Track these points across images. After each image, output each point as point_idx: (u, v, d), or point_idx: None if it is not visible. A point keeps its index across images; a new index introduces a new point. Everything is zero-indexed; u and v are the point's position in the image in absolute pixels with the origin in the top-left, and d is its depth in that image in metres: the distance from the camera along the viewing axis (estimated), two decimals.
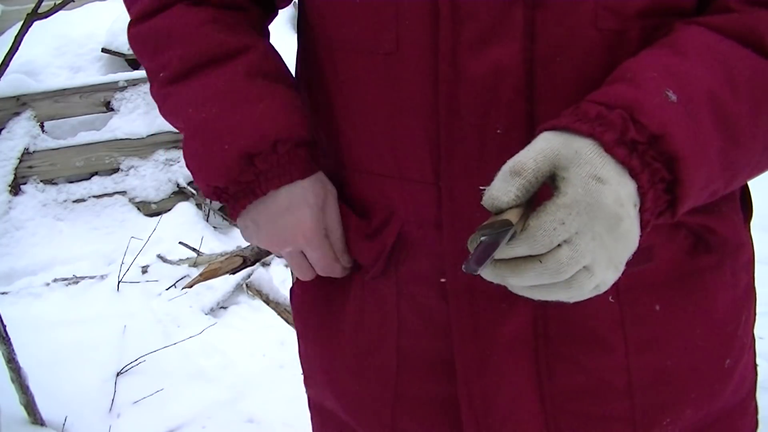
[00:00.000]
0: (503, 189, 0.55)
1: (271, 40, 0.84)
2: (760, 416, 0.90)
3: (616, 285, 0.61)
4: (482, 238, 0.54)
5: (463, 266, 0.54)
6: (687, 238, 0.74)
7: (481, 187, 0.57)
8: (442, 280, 0.74)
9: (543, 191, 0.58)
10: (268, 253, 1.49)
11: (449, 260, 0.72)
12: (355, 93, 0.74)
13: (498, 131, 0.67)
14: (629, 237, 0.57)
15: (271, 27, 0.87)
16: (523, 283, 0.57)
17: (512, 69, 0.65)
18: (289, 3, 0.87)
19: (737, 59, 0.62)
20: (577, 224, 0.55)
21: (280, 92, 0.77)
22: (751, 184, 0.78)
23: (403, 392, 0.80)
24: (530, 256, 0.55)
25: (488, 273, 0.57)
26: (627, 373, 0.74)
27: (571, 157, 0.56)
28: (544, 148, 0.57)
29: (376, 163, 0.75)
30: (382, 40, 0.69)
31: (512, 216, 0.54)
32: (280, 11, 0.87)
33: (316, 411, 0.95)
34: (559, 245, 0.55)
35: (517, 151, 0.59)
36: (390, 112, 0.71)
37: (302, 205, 0.76)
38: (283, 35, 4.38)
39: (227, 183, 0.75)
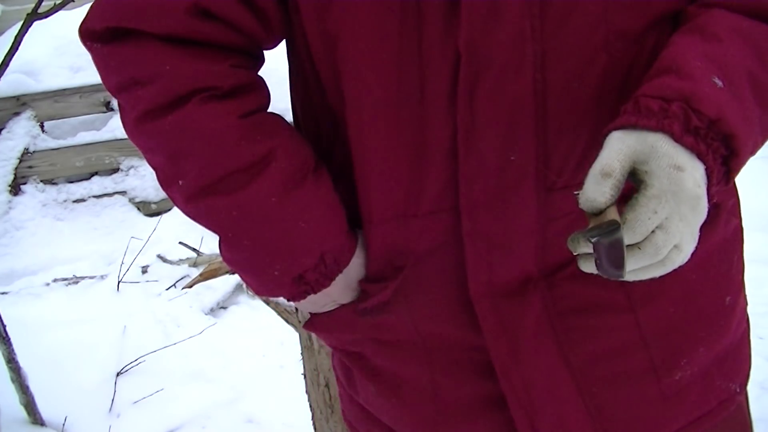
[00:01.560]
0: (598, 191, 0.61)
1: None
2: (760, 416, 0.90)
3: None
4: (596, 239, 0.60)
5: (603, 273, 0.61)
6: None
7: (575, 192, 0.63)
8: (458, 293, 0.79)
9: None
10: None
11: (472, 274, 0.77)
12: (374, 142, 0.75)
13: (512, 158, 0.72)
14: (705, 211, 0.64)
15: None
16: (626, 270, 0.63)
17: (524, 102, 0.70)
18: (276, 46, 0.84)
19: (760, 35, 0.69)
20: (667, 210, 0.62)
21: (315, 195, 0.77)
22: (752, 185, 0.79)
23: (443, 401, 0.84)
24: (629, 245, 0.62)
25: (588, 266, 0.63)
26: (637, 327, 0.79)
27: (649, 152, 0.62)
28: (622, 147, 0.62)
29: (390, 208, 0.77)
30: (407, 93, 0.72)
31: (612, 214, 0.61)
32: None
33: None
34: (653, 231, 0.62)
35: (531, 174, 0.69)
36: (410, 156, 0.74)
37: (347, 290, 0.83)
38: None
39: (280, 294, 0.81)
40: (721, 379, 0.85)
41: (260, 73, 0.82)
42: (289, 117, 0.85)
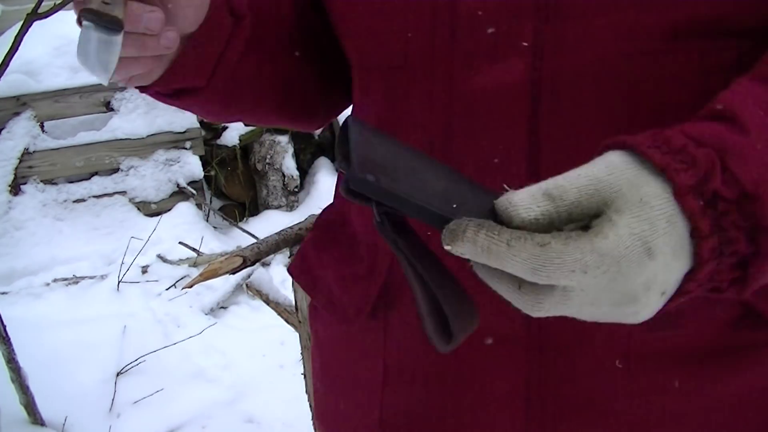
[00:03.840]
0: (526, 205, 0.42)
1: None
2: None
3: (625, 349, 0.55)
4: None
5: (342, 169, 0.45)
6: (732, 307, 0.60)
7: (505, 186, 0.44)
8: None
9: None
10: (268, 253, 1.49)
11: None
12: (366, 110, 0.68)
13: (495, 160, 0.58)
14: (632, 317, 0.45)
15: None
16: (487, 278, 0.45)
17: (514, 91, 0.56)
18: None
19: None
20: (593, 283, 0.42)
21: None
22: None
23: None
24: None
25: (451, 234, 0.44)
26: None
27: (632, 204, 0.42)
28: (601, 179, 0.43)
29: None
30: (391, 54, 0.63)
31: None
32: None
33: None
34: (554, 286, 0.43)
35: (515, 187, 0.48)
36: (393, 131, 0.61)
37: None
38: None
39: None
40: None
41: None
42: None
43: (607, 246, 0.41)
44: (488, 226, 0.42)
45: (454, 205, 0.44)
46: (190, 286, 2.25)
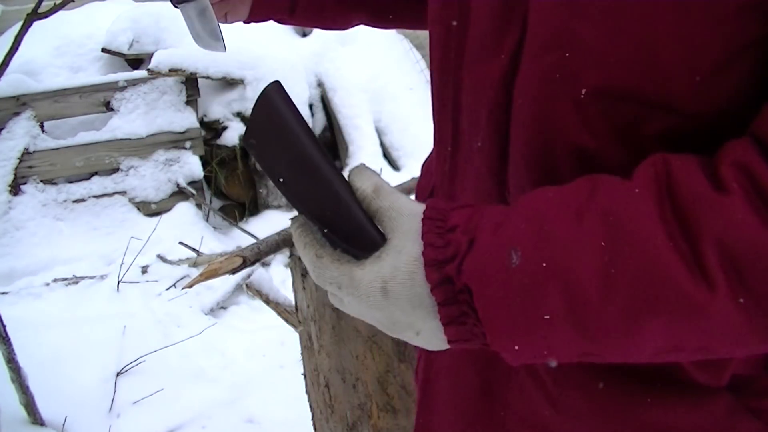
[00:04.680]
0: (363, 176, 0.56)
1: (271, 39, 0.85)
2: None
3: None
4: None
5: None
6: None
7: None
8: None
9: None
10: (268, 253, 1.49)
11: None
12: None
13: (478, 144, 0.64)
14: (416, 342, 0.57)
15: (272, 29, 0.90)
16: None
17: (492, 87, 0.60)
18: None
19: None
20: (348, 300, 0.57)
21: None
22: None
23: None
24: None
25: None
26: None
27: (393, 251, 0.54)
28: (394, 219, 0.55)
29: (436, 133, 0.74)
30: (445, 17, 0.66)
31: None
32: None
33: None
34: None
35: (488, 171, 0.62)
36: (437, 91, 0.70)
37: None
38: (284, 36, 4.37)
39: None
40: None
41: (260, 73, 0.88)
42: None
43: (358, 275, 0.54)
44: (303, 227, 0.58)
45: (301, 194, 0.57)
46: (190, 286, 2.25)
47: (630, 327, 0.49)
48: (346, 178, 0.57)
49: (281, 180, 0.57)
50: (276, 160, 0.57)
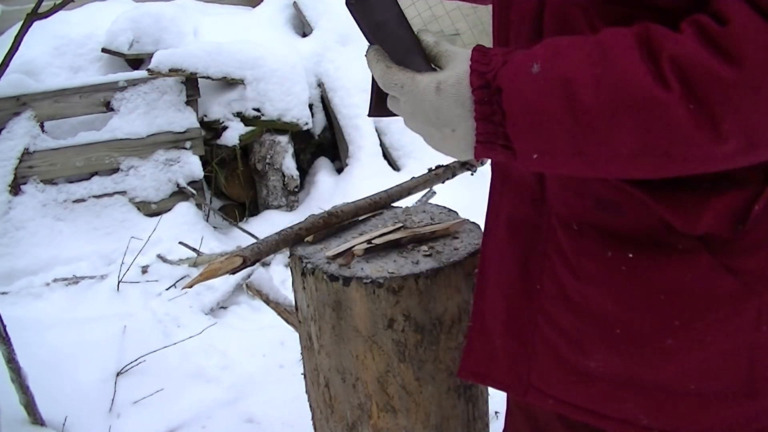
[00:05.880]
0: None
1: (271, 39, 0.89)
2: None
3: (581, 217, 0.85)
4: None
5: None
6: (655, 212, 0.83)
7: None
8: None
9: None
10: (268, 253, 1.49)
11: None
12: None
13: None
14: (442, 143, 0.81)
15: (272, 29, 0.92)
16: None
17: (529, 12, 0.84)
18: None
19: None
20: (406, 98, 0.81)
21: None
22: None
23: None
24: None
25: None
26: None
27: (451, 65, 0.80)
28: (456, 52, 0.81)
29: None
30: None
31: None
32: (280, 11, 0.99)
33: None
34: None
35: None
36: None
37: None
38: (284, 36, 4.36)
39: None
40: (632, 402, 0.88)
41: (260, 73, 0.96)
42: (288, 117, 0.96)
43: (419, 78, 0.80)
44: (377, 50, 0.84)
45: (385, 37, 0.83)
46: (190, 286, 2.25)
47: (610, 121, 0.70)
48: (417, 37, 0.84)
49: (378, 21, 0.82)
50: (376, 13, 0.82)
